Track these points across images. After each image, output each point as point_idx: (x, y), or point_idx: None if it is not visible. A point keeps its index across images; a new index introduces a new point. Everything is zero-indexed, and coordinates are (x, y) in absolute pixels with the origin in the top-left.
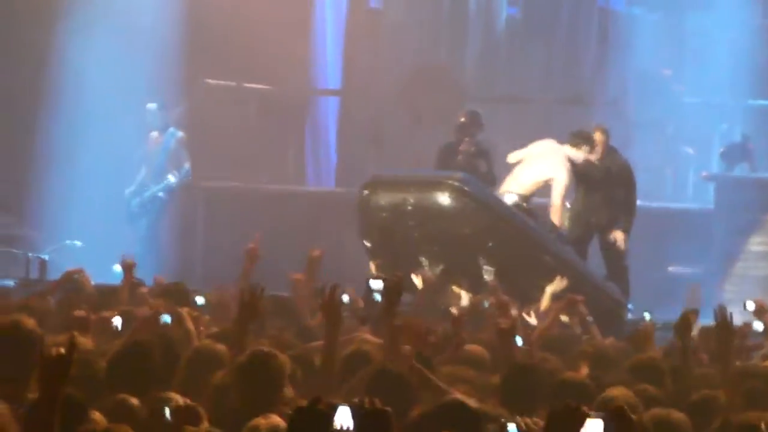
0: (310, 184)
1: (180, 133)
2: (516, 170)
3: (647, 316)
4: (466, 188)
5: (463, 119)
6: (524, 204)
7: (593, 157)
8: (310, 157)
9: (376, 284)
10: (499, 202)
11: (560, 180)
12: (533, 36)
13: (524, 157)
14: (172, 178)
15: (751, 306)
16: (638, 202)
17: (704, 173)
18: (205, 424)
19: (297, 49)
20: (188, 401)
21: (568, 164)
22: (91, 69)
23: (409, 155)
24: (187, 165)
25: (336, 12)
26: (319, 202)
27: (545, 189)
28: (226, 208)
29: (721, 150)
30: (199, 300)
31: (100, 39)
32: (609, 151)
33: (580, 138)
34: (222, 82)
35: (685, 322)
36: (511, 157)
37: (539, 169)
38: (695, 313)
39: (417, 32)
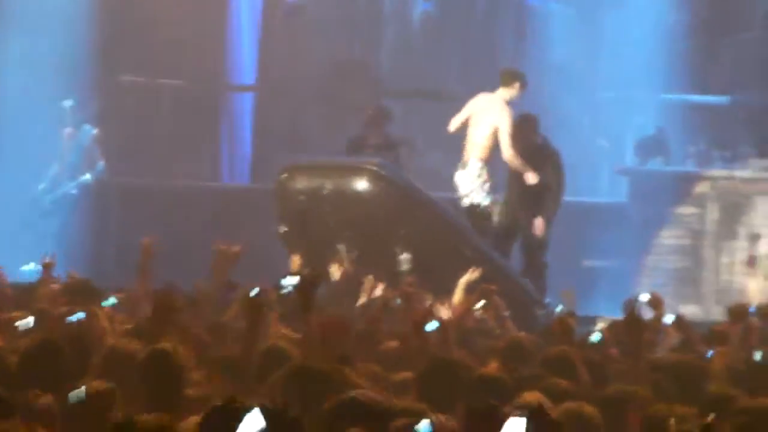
0: (225, 180)
1: (94, 131)
2: (469, 134)
3: (560, 308)
4: (382, 173)
5: (370, 112)
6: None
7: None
8: (225, 154)
9: (290, 281)
10: (417, 190)
11: (504, 127)
12: (448, 31)
13: (467, 119)
14: (87, 176)
15: (645, 298)
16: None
17: (618, 167)
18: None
19: (212, 43)
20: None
21: (507, 108)
22: (2, 67)
23: (325, 151)
24: (101, 162)
25: (252, 5)
26: (233, 198)
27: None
28: (140, 206)
29: (635, 143)
30: (111, 300)
31: (11, 36)
32: (543, 137)
33: (509, 75)
34: (135, 78)
35: (563, 327)
36: (452, 125)
37: (485, 124)
38: (572, 315)
39: (333, 27)
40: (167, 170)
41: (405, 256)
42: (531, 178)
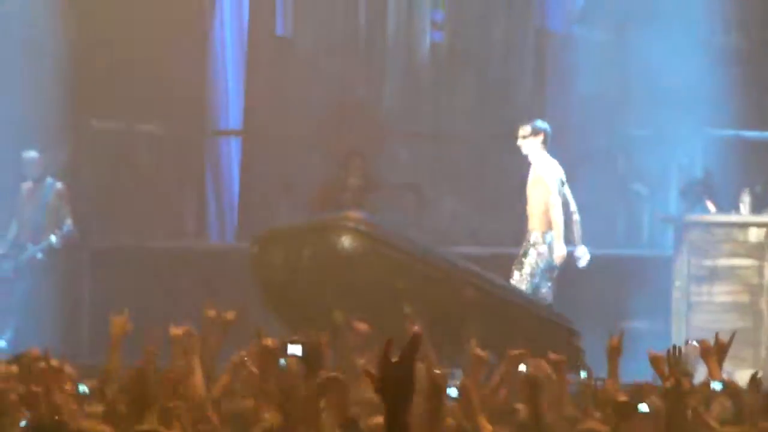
0: (213, 237)
1: (59, 185)
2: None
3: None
4: (363, 228)
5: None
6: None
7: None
8: (212, 208)
9: (294, 349)
10: (404, 239)
11: (544, 199)
12: (461, 63)
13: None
14: (53, 238)
15: (694, 350)
16: (587, 249)
17: (661, 214)
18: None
19: (192, 84)
20: None
21: (544, 177)
22: None
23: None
24: (68, 221)
25: (237, 40)
26: (221, 258)
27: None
28: (116, 270)
29: (680, 187)
30: (82, 388)
31: None
32: None
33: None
34: (109, 124)
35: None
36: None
37: (532, 201)
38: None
39: (330, 62)
40: (146, 228)
41: (408, 310)
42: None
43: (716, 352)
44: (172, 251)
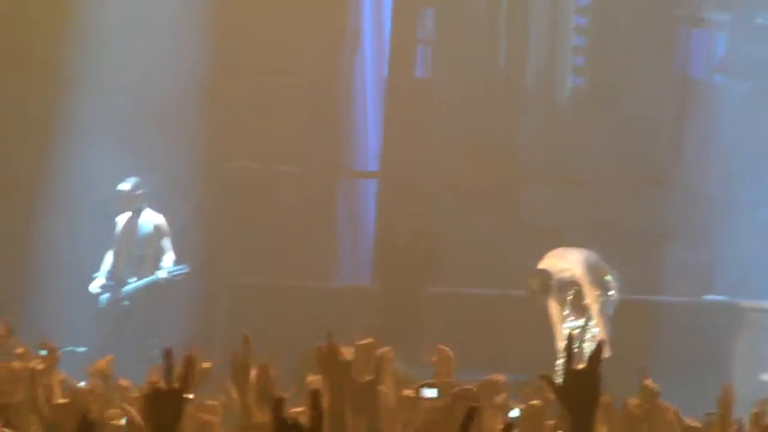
0: (344, 279)
1: (160, 217)
2: None
3: None
4: None
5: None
6: None
7: None
8: (344, 248)
9: (429, 393)
10: None
11: None
12: (601, 108)
13: None
14: (161, 274)
15: None
16: (723, 299)
17: None
18: None
19: (331, 125)
20: None
21: None
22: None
23: (460, 245)
24: (172, 256)
25: (377, 83)
26: (352, 300)
27: None
28: (250, 307)
29: None
30: None
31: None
32: None
33: None
34: (247, 163)
35: None
36: None
37: None
38: None
39: (469, 106)
40: (279, 268)
41: None
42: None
43: None
44: (305, 290)
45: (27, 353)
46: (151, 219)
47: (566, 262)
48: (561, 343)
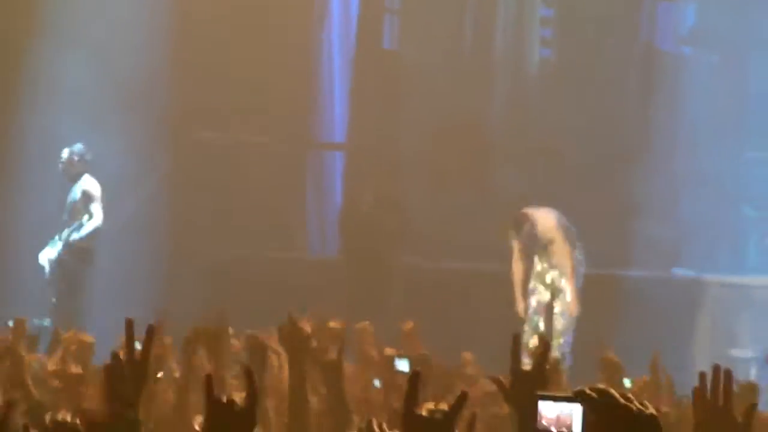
0: (313, 251)
1: (92, 184)
2: None
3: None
4: None
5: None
6: None
7: None
8: (312, 220)
9: (401, 364)
10: None
11: None
12: (569, 80)
13: None
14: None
15: None
16: (690, 274)
17: None
18: None
19: (298, 96)
20: None
21: None
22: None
23: (428, 218)
24: (93, 222)
25: (344, 53)
26: (320, 271)
27: None
28: (217, 278)
29: None
30: None
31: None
32: None
33: None
34: (214, 134)
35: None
36: None
37: None
38: None
39: (437, 76)
40: (246, 239)
41: None
42: None
43: None
44: (273, 262)
45: None
46: (82, 185)
47: (542, 215)
48: (520, 306)
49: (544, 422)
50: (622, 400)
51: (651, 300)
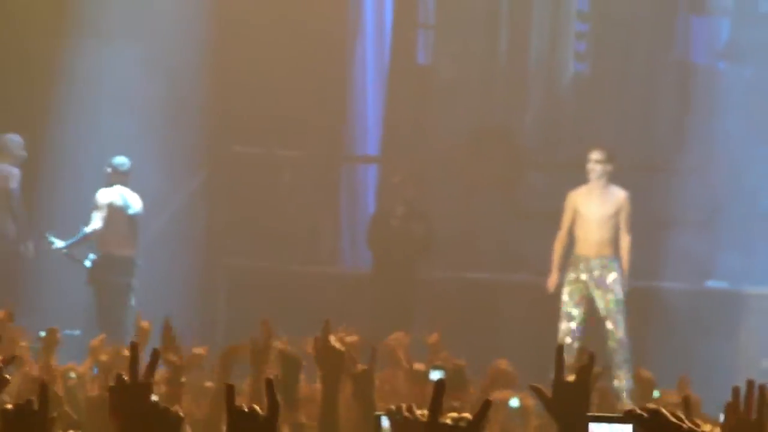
0: (346, 264)
1: (99, 193)
2: None
3: None
4: None
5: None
6: None
7: None
8: (345, 233)
9: (435, 374)
10: None
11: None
12: (603, 94)
13: None
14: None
15: None
16: (724, 286)
17: None
18: None
19: (333, 110)
20: None
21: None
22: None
23: (459, 230)
24: (87, 228)
25: (378, 68)
26: (353, 285)
27: None
28: (251, 291)
29: None
30: None
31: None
32: None
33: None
34: (250, 149)
35: None
36: None
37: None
38: None
39: (470, 91)
40: (282, 252)
41: None
42: None
43: None
44: (307, 275)
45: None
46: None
47: None
48: (551, 280)
49: None
50: (672, 419)
51: (685, 312)
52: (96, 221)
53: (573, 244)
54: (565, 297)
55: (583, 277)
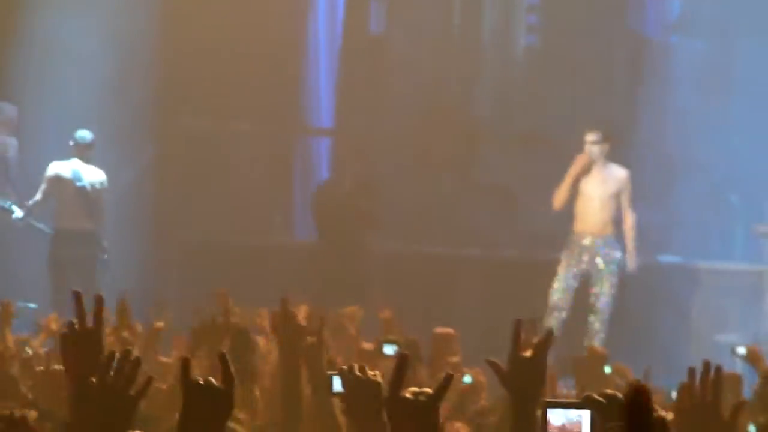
0: (299, 236)
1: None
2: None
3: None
4: None
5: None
6: None
7: None
8: (298, 205)
9: (389, 349)
10: None
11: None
12: (556, 67)
13: None
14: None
15: (742, 351)
16: (678, 260)
17: (756, 227)
18: None
19: (285, 82)
20: None
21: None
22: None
23: (412, 202)
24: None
25: (330, 39)
26: (307, 256)
27: None
28: (203, 264)
29: None
30: None
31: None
32: None
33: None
34: (200, 121)
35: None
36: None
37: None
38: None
39: (423, 63)
40: (233, 224)
41: None
42: None
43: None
44: (260, 247)
45: None
46: None
47: None
48: (558, 198)
49: (551, 430)
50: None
51: (638, 286)
52: (38, 193)
53: (573, 221)
54: (559, 273)
55: (585, 258)
